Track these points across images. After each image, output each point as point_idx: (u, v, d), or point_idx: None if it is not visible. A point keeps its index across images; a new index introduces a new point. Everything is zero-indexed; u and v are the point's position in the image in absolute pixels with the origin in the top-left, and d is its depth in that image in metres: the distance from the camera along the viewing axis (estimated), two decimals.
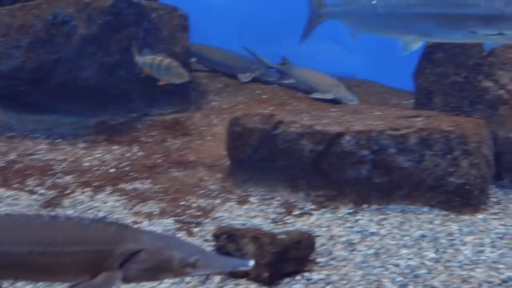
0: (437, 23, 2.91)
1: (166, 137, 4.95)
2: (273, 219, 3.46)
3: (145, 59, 4.49)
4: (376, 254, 2.93)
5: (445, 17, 2.87)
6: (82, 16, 4.91)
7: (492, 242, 3.00)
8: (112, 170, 4.28)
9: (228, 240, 2.76)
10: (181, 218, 3.50)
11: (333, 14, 3.33)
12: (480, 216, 3.35)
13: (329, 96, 5.71)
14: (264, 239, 2.68)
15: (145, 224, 3.38)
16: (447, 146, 3.48)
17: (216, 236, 2.85)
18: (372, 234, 3.18)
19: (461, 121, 3.61)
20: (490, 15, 2.75)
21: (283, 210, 3.60)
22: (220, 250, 2.77)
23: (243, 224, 3.37)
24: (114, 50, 5.08)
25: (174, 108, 5.49)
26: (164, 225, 3.39)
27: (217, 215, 3.54)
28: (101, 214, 3.53)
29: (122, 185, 3.99)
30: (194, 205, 3.71)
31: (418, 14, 2.94)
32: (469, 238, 3.06)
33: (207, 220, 3.45)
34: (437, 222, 3.30)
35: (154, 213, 3.57)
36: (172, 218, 3.48)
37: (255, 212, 3.57)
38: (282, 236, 2.73)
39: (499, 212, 3.44)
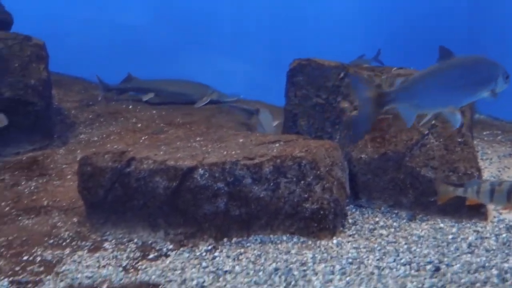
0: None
1: (19, 180, 4.49)
2: (124, 266, 3.20)
3: None
4: None
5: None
6: None
7: (342, 268, 2.98)
8: None
9: None
10: (17, 278, 3.11)
11: (400, 99, 2.98)
12: (335, 240, 3.35)
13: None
14: None
15: None
16: (299, 172, 3.45)
17: None
18: (226, 272, 3.04)
19: (313, 145, 3.60)
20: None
21: (138, 254, 3.35)
22: None
23: (89, 277, 3.08)
24: None
25: (33, 145, 5.04)
26: None
27: (62, 268, 3.20)
28: None
29: None
30: (39, 259, 3.33)
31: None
32: (321, 267, 3.02)
33: (49, 277, 3.10)
34: (293, 251, 3.24)
35: None
36: (7, 279, 3.08)
37: (107, 260, 3.29)
38: None
39: (354, 234, 3.46)
